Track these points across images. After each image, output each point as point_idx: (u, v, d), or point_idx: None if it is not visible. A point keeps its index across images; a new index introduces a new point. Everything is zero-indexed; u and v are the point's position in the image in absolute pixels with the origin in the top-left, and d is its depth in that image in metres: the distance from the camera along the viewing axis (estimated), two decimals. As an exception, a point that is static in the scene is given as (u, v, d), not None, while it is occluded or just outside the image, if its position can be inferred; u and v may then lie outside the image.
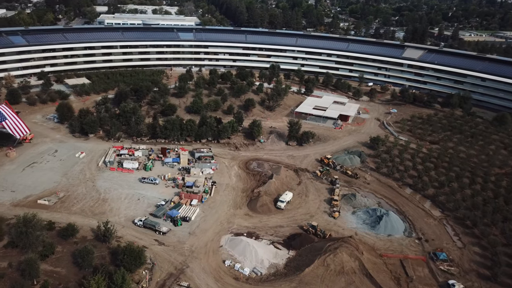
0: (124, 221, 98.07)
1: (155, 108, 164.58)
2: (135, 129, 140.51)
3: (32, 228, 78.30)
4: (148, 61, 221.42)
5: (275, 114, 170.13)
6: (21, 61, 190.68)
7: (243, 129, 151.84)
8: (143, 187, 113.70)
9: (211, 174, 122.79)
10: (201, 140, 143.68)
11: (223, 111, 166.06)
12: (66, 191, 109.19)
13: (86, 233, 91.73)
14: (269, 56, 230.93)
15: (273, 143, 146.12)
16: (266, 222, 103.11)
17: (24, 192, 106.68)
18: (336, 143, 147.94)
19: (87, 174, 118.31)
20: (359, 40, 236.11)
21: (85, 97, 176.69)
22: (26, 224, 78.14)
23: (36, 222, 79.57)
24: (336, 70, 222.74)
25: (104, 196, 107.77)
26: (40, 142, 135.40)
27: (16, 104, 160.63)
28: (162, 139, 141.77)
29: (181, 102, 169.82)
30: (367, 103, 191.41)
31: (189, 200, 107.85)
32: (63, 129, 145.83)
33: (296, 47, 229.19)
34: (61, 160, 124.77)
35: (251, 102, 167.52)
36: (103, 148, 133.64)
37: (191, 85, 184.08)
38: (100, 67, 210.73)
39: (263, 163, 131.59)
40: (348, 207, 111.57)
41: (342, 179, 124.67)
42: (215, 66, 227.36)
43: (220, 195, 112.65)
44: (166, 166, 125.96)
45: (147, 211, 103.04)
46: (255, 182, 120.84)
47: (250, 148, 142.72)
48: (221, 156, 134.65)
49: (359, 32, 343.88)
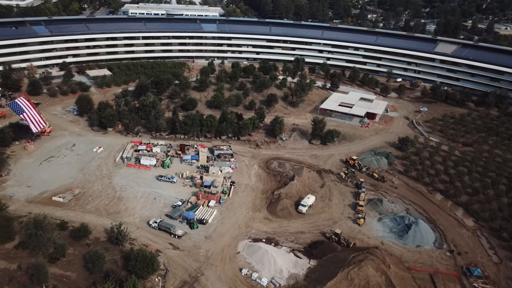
0: (139, 222, 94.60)
1: (175, 102, 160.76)
2: (154, 123, 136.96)
3: (43, 230, 75.29)
4: (170, 52, 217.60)
5: (299, 110, 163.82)
6: (43, 52, 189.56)
7: (265, 125, 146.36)
8: (160, 185, 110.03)
9: (230, 173, 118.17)
10: (221, 136, 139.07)
11: (245, 106, 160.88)
12: (82, 187, 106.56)
13: (99, 234, 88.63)
14: (293, 49, 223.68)
15: (296, 141, 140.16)
16: (287, 227, 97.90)
17: (40, 188, 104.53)
18: (362, 143, 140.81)
19: (104, 170, 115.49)
20: (388, 33, 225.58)
21: (105, 89, 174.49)
22: (36, 225, 75.22)
23: (46, 224, 76.56)
24: (364, 65, 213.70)
25: (120, 194, 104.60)
26: (59, 135, 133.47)
27: (37, 95, 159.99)
28: (181, 135, 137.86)
29: (202, 96, 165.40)
30: (395, 100, 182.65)
31: (206, 201, 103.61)
32: (82, 122, 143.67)
33: (322, 39, 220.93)
34: (79, 154, 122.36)
35: (274, 98, 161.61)
36: (121, 143, 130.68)
37: (212, 79, 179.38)
38: (122, 58, 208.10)
39: (285, 163, 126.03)
40: (374, 213, 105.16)
41: (368, 182, 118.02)
42: (237, 58, 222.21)
43: (239, 196, 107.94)
44: (184, 163, 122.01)
45: (163, 211, 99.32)
46: (275, 183, 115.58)
47: (271, 146, 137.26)
48: (241, 154, 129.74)
49: (388, 24, 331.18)
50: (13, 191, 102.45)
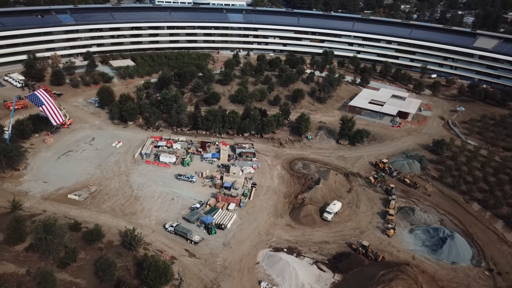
0: (154, 225, 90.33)
1: (198, 95, 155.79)
2: (176, 118, 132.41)
3: (53, 234, 71.69)
4: (195, 43, 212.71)
5: (326, 107, 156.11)
6: (68, 40, 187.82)
7: (290, 123, 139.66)
8: (179, 185, 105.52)
9: (252, 174, 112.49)
10: (243, 133, 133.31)
11: (269, 102, 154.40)
12: (99, 184, 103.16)
13: (113, 237, 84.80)
14: (322, 41, 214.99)
15: (322, 140, 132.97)
16: (310, 236, 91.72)
17: (56, 184, 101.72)
18: (393, 144, 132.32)
19: (122, 167, 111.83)
20: (424, 26, 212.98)
21: (128, 80, 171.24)
22: (46, 230, 71.68)
23: (57, 228, 72.84)
24: (396, 59, 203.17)
25: (137, 194, 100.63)
26: (79, 128, 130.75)
27: (60, 86, 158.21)
28: (203, 131, 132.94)
29: (225, 90, 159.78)
30: (429, 98, 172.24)
31: (226, 203, 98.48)
32: (103, 115, 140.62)
33: (352, 32, 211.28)
34: (97, 149, 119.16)
35: (300, 93, 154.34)
36: (141, 138, 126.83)
37: (237, 72, 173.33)
38: (146, 48, 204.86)
39: (310, 164, 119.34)
40: (404, 223, 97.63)
41: (399, 188, 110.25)
42: (264, 50, 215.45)
43: (260, 200, 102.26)
44: (205, 161, 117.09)
45: (180, 213, 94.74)
46: (299, 186, 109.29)
47: (295, 145, 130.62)
48: (263, 153, 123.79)
49: (422, 16, 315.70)
50: (29, 187, 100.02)
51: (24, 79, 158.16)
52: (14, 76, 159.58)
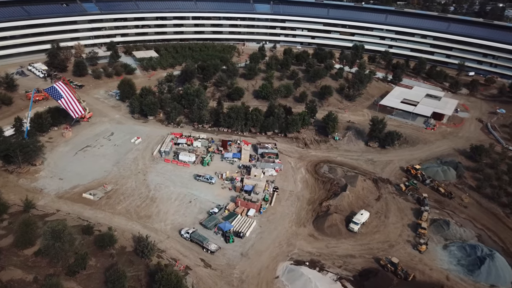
0: (170, 230, 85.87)
1: (221, 90, 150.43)
2: (197, 114, 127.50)
3: (61, 241, 67.94)
4: (220, 34, 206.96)
5: (355, 105, 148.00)
6: (92, 30, 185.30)
7: (316, 121, 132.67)
8: (197, 186, 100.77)
9: (274, 177, 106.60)
10: (266, 132, 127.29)
11: (295, 98, 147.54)
12: (115, 183, 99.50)
13: (126, 242, 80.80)
14: (352, 35, 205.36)
15: (350, 142, 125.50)
16: (334, 248, 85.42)
17: (72, 181, 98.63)
18: (427, 149, 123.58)
19: (140, 165, 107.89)
20: (462, 20, 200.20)
21: (151, 72, 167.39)
22: (54, 237, 67.97)
23: (66, 235, 69.00)
24: (431, 55, 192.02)
25: (153, 195, 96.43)
26: (98, 122, 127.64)
27: (82, 77, 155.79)
28: (224, 128, 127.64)
29: (249, 84, 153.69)
30: (466, 98, 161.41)
31: (245, 209, 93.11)
32: (123, 108, 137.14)
33: (384, 25, 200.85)
34: (116, 145, 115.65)
35: (328, 90, 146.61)
36: (161, 134, 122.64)
37: (262, 65, 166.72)
38: (171, 39, 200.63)
39: (336, 168, 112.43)
40: (438, 238, 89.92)
41: (432, 198, 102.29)
42: (291, 43, 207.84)
43: (282, 206, 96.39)
44: (225, 161, 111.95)
45: (197, 218, 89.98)
46: (324, 192, 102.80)
47: (321, 146, 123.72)
48: (287, 154, 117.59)
49: (460, 8, 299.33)
50: (44, 184, 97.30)
51: (47, 69, 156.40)
52: (37, 66, 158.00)
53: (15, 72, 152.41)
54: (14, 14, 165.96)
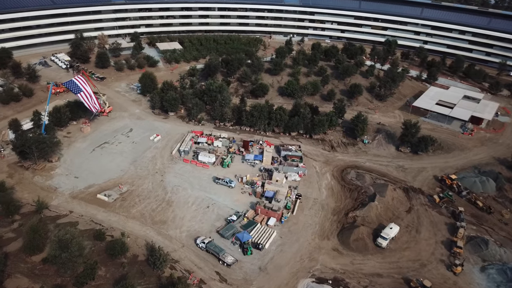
0: (185, 238, 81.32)
1: (245, 86, 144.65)
2: (219, 112, 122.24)
3: (69, 252, 64.09)
4: (247, 26, 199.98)
5: (386, 106, 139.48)
6: (116, 20, 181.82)
7: (344, 122, 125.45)
8: (216, 189, 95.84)
9: (297, 182, 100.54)
10: (290, 132, 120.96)
11: (322, 96, 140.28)
12: (131, 184, 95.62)
13: (138, 250, 76.76)
14: (385, 29, 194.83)
15: (380, 146, 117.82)
16: (360, 265, 79.10)
17: (87, 180, 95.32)
18: (463, 156, 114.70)
19: (158, 164, 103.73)
20: (504, 15, 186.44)
21: (174, 65, 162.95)
22: (61, 247, 64.21)
23: (74, 245, 65.11)
24: (469, 52, 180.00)
25: (170, 198, 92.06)
26: (118, 117, 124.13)
27: (104, 69, 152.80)
28: (246, 127, 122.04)
29: (274, 80, 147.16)
30: (507, 101, 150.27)
31: (265, 217, 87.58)
32: (144, 103, 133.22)
33: (420, 19, 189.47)
34: (134, 142, 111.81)
35: (358, 89, 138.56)
36: (181, 131, 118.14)
37: (288, 60, 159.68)
38: (196, 30, 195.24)
39: (364, 174, 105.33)
40: (475, 258, 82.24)
41: (468, 212, 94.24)
42: (319, 36, 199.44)
43: (305, 215, 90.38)
44: (246, 163, 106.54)
45: (214, 225, 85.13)
46: (350, 201, 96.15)
47: (349, 149, 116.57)
48: (311, 157, 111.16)
49: (502, 2, 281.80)
50: (59, 182, 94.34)
51: (69, 60, 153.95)
52: (60, 57, 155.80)
53: (38, 63, 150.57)
54: (39, 3, 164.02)
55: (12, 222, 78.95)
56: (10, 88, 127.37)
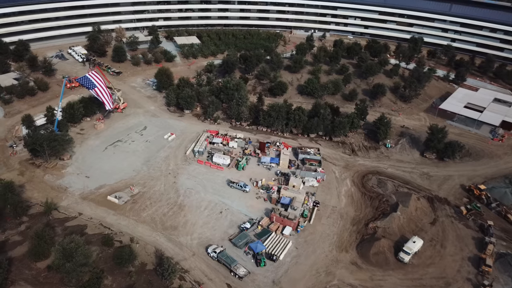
0: (196, 246, 77.93)
1: (263, 83, 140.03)
2: (236, 110, 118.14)
3: (73, 262, 61.23)
4: (267, 21, 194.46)
5: (411, 107, 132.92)
6: (134, 13, 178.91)
7: (366, 124, 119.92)
8: (230, 194, 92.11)
9: (315, 188, 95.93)
10: (309, 134, 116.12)
11: (343, 96, 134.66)
12: (143, 185, 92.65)
13: (147, 258, 73.70)
14: (410, 25, 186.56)
15: (403, 150, 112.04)
16: (380, 281, 74.42)
17: (98, 181, 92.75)
18: (493, 164, 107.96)
19: (171, 165, 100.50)
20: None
21: (191, 60, 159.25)
22: (66, 255, 61.39)
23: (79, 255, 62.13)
24: (500, 51, 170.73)
25: (182, 201, 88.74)
26: (132, 113, 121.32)
27: (120, 63, 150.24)
28: (263, 127, 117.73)
29: (294, 78, 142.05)
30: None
31: (281, 226, 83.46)
32: (159, 100, 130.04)
33: (448, 16, 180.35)
34: (147, 141, 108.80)
35: (381, 89, 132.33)
36: (196, 130, 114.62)
37: (309, 57, 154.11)
38: (215, 24, 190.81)
39: (386, 181, 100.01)
40: (505, 277, 76.66)
41: (498, 226, 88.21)
42: (341, 32, 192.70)
43: (322, 224, 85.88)
44: (262, 166, 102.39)
45: (227, 233, 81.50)
46: (371, 210, 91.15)
47: (371, 154, 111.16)
48: (331, 161, 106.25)
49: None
50: (70, 181, 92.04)
51: (86, 53, 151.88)
52: (77, 50, 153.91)
53: (55, 56, 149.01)
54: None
55: (19, 224, 76.93)
56: (25, 82, 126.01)
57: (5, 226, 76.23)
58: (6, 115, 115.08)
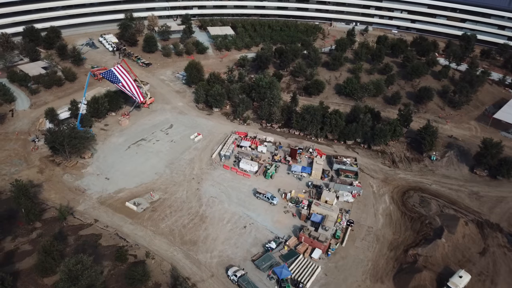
0: (215, 265, 71.54)
1: (298, 81, 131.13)
2: (267, 111, 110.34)
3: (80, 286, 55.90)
4: (306, 12, 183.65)
5: (460, 115, 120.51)
6: (169, 0, 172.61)
7: (409, 131, 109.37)
8: (255, 205, 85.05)
9: (350, 204, 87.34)
10: (346, 141, 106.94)
11: (385, 98, 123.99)
12: (164, 191, 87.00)
13: (161, 277, 68.00)
14: (463, 21, 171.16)
15: (450, 165, 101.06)
16: (420, 322, 65.71)
17: (118, 183, 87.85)
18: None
19: (195, 169, 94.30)
20: None
21: (224, 52, 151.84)
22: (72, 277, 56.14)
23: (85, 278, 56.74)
24: None
25: (204, 212, 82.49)
26: (159, 109, 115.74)
27: (151, 53, 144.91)
28: (296, 131, 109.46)
29: (332, 77, 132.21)
30: None
31: (309, 248, 75.76)
32: (188, 95, 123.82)
33: (507, 11, 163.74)
34: (173, 141, 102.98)
35: (428, 93, 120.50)
36: (224, 131, 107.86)
37: (349, 54, 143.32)
38: (251, 14, 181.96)
39: (430, 200, 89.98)
40: None
41: (560, 261, 76.89)
42: (385, 26, 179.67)
43: (356, 248, 77.50)
44: (292, 175, 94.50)
45: (250, 252, 74.68)
46: (411, 234, 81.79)
47: (413, 166, 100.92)
48: (368, 173, 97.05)
49: None
50: (89, 183, 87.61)
51: (117, 42, 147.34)
52: (108, 38, 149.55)
53: (85, 43, 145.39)
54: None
55: (31, 231, 72.90)
56: (53, 72, 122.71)
57: (17, 232, 72.47)
58: (32, 106, 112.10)
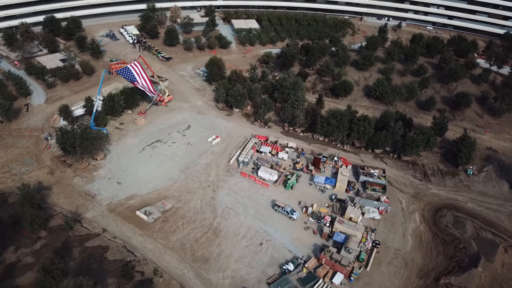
0: (227, 286, 66.20)
1: (325, 80, 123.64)
2: (290, 113, 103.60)
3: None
4: (335, 5, 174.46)
5: (501, 124, 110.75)
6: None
7: (443, 141, 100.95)
8: (274, 220, 79.22)
9: (376, 222, 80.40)
10: (374, 149, 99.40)
11: (418, 103, 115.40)
12: (177, 199, 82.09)
13: (169, 298, 63.31)
14: (505, 18, 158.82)
15: (489, 180, 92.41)
16: None
17: (129, 189, 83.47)
18: None
19: (212, 175, 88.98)
20: None
21: (248, 47, 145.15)
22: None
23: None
24: None
25: (218, 224, 77.21)
26: (177, 108, 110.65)
27: (172, 47, 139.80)
28: (320, 136, 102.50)
29: (361, 77, 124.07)
30: None
31: (330, 271, 69.52)
32: (208, 93, 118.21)
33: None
34: (189, 144, 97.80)
35: (466, 99, 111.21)
36: (243, 134, 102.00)
37: (381, 52, 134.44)
38: (277, 6, 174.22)
39: (465, 221, 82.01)
40: None
41: None
42: (420, 21, 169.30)
43: (381, 273, 70.80)
44: (314, 186, 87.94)
45: (265, 273, 69.07)
46: (443, 259, 74.43)
47: (447, 180, 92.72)
48: (397, 187, 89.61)
49: None
50: (99, 187, 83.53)
51: (137, 34, 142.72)
52: (129, 30, 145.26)
53: (105, 35, 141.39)
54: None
55: (35, 241, 69.26)
56: (71, 65, 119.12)
57: (20, 242, 69.02)
58: (48, 101, 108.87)
